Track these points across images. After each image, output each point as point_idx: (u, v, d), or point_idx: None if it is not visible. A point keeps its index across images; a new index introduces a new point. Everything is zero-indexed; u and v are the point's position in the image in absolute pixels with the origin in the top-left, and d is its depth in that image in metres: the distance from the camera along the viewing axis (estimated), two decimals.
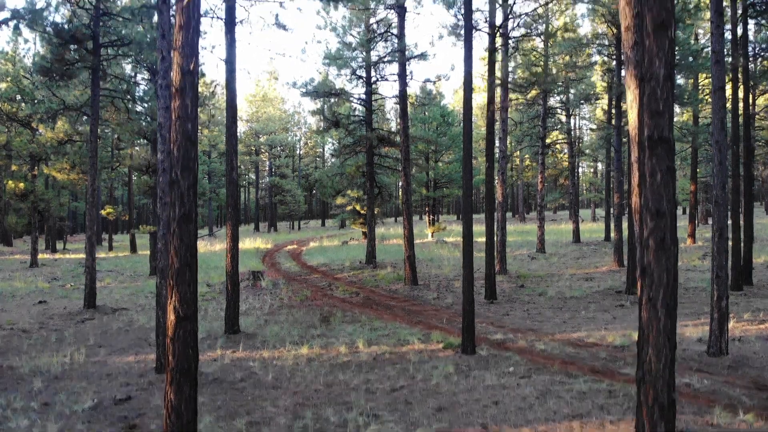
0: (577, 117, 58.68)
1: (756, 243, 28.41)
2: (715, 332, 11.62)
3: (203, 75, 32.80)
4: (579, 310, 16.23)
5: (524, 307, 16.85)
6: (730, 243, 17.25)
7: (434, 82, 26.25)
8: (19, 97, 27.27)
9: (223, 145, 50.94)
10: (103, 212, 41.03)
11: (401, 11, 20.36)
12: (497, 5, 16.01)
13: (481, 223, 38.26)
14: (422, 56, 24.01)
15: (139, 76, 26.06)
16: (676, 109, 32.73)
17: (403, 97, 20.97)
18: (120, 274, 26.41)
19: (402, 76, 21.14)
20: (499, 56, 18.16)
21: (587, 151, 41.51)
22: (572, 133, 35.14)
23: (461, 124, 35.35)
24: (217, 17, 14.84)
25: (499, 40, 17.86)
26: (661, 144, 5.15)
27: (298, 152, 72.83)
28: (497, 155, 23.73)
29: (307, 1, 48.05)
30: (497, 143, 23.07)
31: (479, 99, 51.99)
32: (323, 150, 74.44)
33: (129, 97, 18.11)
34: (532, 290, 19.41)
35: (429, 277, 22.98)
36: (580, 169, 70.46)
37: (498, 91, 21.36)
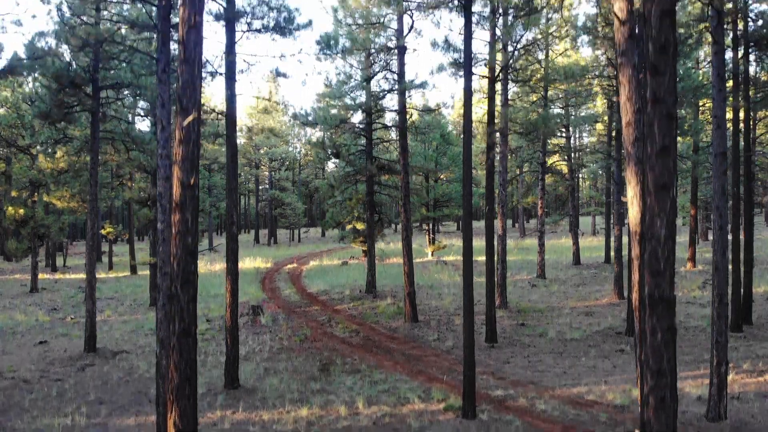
0: (578, 131, 58.74)
1: (756, 267, 28.35)
2: (714, 397, 11.63)
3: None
4: (579, 356, 16.24)
5: (525, 352, 16.85)
6: (729, 280, 17.22)
7: (434, 111, 26.24)
8: (19, 122, 27.26)
9: (223, 158, 50.89)
10: (103, 231, 41.10)
11: (401, 50, 20.38)
12: (497, 53, 16.00)
13: (481, 237, 38.08)
14: (422, 85, 24.02)
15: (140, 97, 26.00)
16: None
17: (402, 134, 20.98)
18: (120, 303, 26.39)
19: (402, 113, 21.15)
20: (498, 97, 18.19)
21: (588, 164, 41.53)
22: (572, 155, 35.10)
23: (461, 137, 35.28)
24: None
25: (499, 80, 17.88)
26: (662, 303, 5.13)
27: (298, 162, 72.79)
28: (497, 185, 23.72)
29: (307, 55, 47.83)
30: (497, 177, 23.05)
31: (479, 111, 51.94)
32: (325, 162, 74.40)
33: (128, 138, 18.11)
34: (533, 329, 19.41)
35: (429, 310, 22.96)
36: (580, 177, 70.47)
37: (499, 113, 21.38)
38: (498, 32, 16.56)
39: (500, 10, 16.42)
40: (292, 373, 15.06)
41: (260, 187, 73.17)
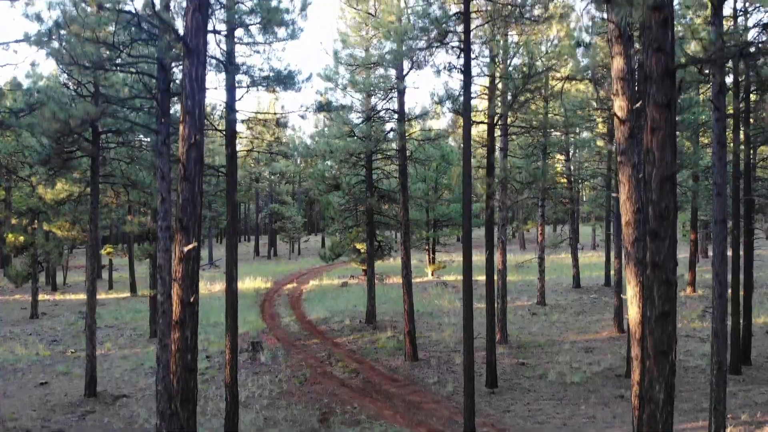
0: (578, 153, 58.59)
1: (756, 291, 28.24)
2: None
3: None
4: (579, 403, 16.25)
5: (525, 398, 16.87)
6: (729, 310, 17.18)
7: (434, 140, 26.27)
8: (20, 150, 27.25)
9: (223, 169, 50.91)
10: (103, 252, 41.13)
11: (401, 92, 20.44)
12: (497, 101, 16.04)
13: (481, 250, 37.85)
14: (423, 116, 24.10)
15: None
16: None
17: (402, 171, 21.00)
18: (120, 334, 26.40)
19: (402, 151, 21.19)
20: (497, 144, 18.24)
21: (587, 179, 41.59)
22: (572, 180, 35.10)
23: (461, 160, 35.29)
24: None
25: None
26: None
27: (299, 174, 72.76)
28: (497, 220, 23.75)
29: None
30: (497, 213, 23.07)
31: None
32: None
33: (129, 182, 18.13)
34: (533, 370, 19.42)
35: (429, 344, 22.98)
36: (580, 187, 70.28)
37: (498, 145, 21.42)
38: (497, 79, 16.59)
39: (500, 57, 16.45)
40: (292, 425, 15.07)
41: (261, 210, 72.90)
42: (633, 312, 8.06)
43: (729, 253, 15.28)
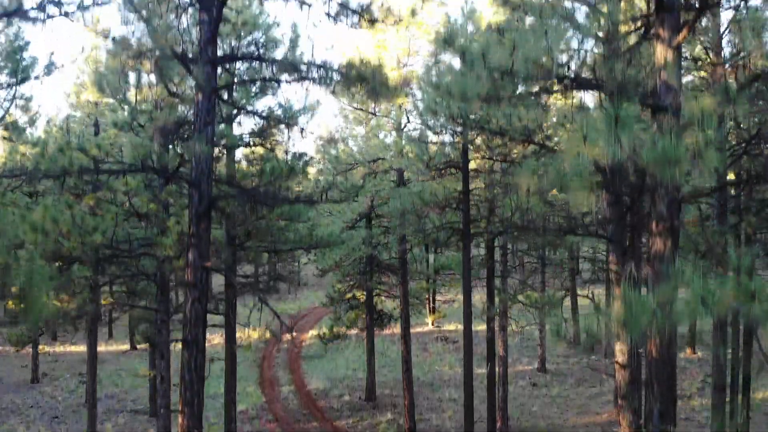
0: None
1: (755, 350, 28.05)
2: None
3: None
4: None
5: None
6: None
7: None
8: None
9: None
10: (104, 302, 41.10)
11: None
12: (496, 218, 16.04)
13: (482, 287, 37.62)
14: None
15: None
16: None
17: (403, 264, 21.00)
18: (121, 407, 26.36)
19: (403, 238, 21.19)
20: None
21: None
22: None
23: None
24: None
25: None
26: None
27: None
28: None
29: None
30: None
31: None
32: None
33: (132, 293, 18.18)
34: None
35: (429, 429, 22.97)
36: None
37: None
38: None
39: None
40: None
41: None
42: None
43: None
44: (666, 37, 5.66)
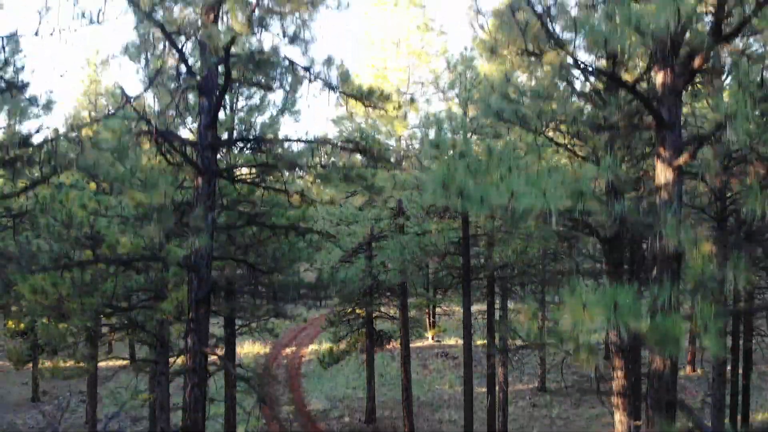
0: None
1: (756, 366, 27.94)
2: None
3: None
4: None
5: None
6: None
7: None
8: None
9: None
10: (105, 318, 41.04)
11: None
12: (496, 255, 16.09)
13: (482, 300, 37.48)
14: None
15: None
16: None
17: (404, 305, 21.05)
18: (123, 429, 26.41)
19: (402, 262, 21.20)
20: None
21: None
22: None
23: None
24: None
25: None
26: None
27: None
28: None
29: None
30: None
31: None
32: None
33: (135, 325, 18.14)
34: None
35: None
36: None
37: None
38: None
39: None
40: None
41: None
42: None
43: None
44: (667, 157, 5.64)
